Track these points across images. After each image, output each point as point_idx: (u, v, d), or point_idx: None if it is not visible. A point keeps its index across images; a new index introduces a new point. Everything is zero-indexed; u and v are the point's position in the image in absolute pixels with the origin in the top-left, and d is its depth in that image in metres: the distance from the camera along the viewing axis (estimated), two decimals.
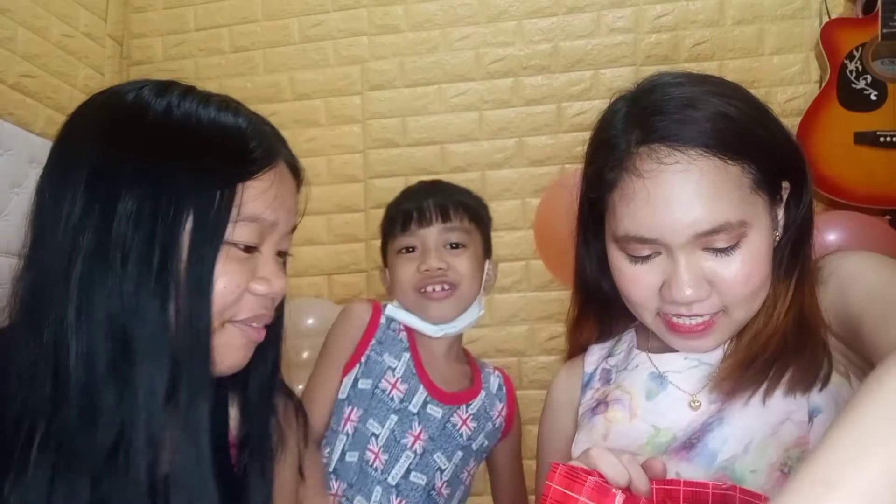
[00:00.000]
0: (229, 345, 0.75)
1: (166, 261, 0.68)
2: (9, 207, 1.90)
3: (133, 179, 0.69)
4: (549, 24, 2.30)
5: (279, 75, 2.41)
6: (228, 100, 0.78)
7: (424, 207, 1.30)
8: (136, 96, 0.73)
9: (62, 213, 0.69)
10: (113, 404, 0.67)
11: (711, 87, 0.80)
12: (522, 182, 2.28)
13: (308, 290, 2.32)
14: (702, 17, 2.23)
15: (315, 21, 2.41)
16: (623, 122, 0.80)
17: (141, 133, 0.71)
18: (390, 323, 1.32)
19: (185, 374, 0.69)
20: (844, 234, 1.86)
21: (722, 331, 0.80)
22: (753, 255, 0.76)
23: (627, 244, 0.79)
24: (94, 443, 0.67)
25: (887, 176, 1.95)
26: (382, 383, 1.27)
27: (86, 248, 0.68)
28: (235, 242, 0.72)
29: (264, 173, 0.74)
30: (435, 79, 2.34)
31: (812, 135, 2.00)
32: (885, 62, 1.99)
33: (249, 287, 0.75)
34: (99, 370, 0.67)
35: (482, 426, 1.33)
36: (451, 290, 1.28)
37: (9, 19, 1.97)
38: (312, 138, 2.35)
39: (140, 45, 2.51)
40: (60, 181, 0.71)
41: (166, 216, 0.68)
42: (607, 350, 0.95)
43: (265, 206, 0.74)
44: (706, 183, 0.74)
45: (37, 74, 2.06)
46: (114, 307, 0.67)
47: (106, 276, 0.67)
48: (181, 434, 0.69)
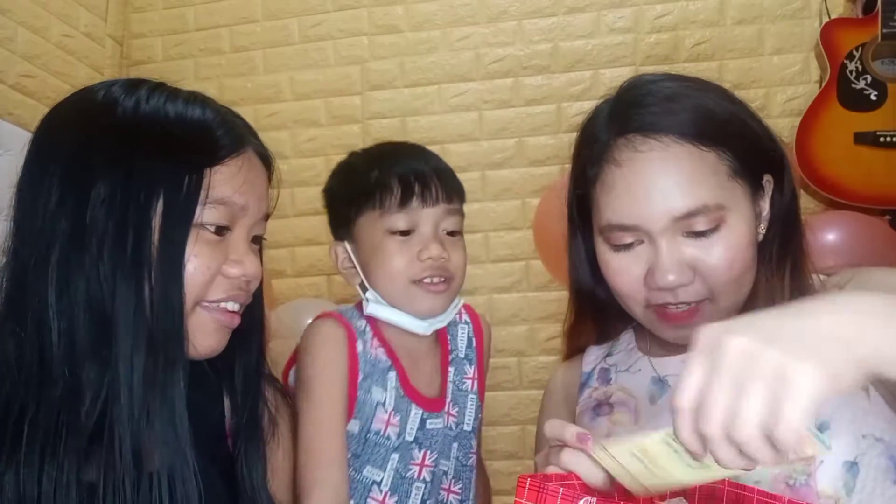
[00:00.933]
0: (202, 328, 0.78)
1: (139, 243, 0.72)
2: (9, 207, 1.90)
3: (105, 168, 0.73)
4: (549, 24, 2.30)
5: (279, 75, 2.41)
6: (196, 94, 0.82)
7: (429, 181, 1.09)
8: (106, 94, 0.78)
9: (39, 203, 0.73)
10: (95, 381, 0.71)
11: (690, 83, 0.84)
12: (522, 182, 2.28)
13: (308, 291, 2.32)
14: (702, 17, 2.23)
15: (315, 21, 2.41)
16: (605, 119, 0.84)
17: (111, 126, 0.75)
18: (365, 341, 1.11)
19: (161, 352, 0.72)
20: (844, 234, 1.86)
21: (709, 319, 0.79)
22: (735, 239, 0.78)
23: (611, 234, 0.81)
24: (78, 419, 0.70)
25: (887, 176, 1.95)
26: (375, 424, 1.09)
27: (62, 235, 0.72)
28: (205, 224, 0.76)
29: (232, 159, 0.78)
30: (435, 79, 2.34)
31: (812, 135, 2.00)
32: (885, 62, 1.99)
33: (222, 270, 0.78)
34: (80, 349, 0.71)
35: (461, 405, 1.17)
36: (447, 284, 1.10)
37: (9, 19, 1.97)
38: (312, 138, 2.35)
39: (140, 45, 2.51)
40: (37, 174, 0.75)
41: (137, 201, 0.72)
42: (605, 350, 0.95)
43: (234, 189, 0.77)
44: (681, 168, 0.77)
45: (37, 74, 2.06)
46: (92, 289, 0.71)
47: (83, 260, 0.71)
48: (159, 409, 0.72)
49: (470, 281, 2.26)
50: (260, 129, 0.89)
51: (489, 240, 2.28)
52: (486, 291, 2.25)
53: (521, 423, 2.19)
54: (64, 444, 0.70)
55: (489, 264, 2.27)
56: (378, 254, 1.08)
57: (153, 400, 0.72)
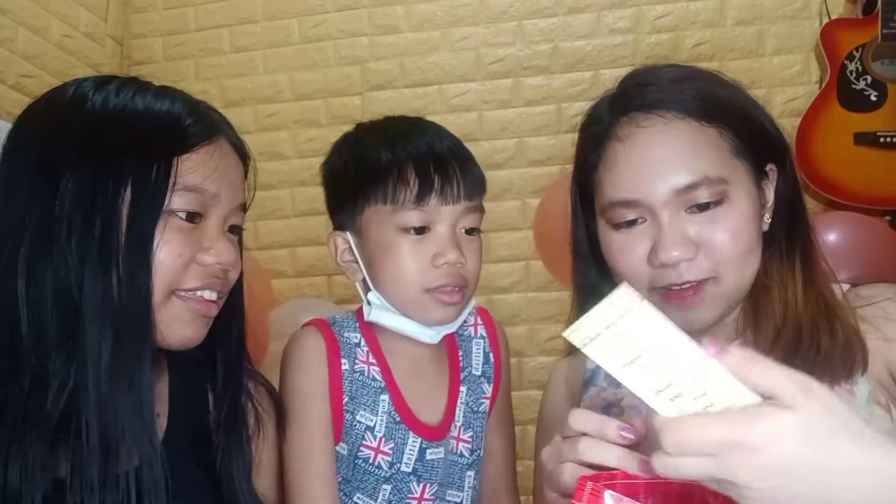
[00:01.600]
0: (177, 318, 0.78)
1: (107, 232, 0.72)
2: None
3: (74, 161, 0.74)
4: (550, 25, 2.30)
5: (279, 75, 2.41)
6: (167, 87, 0.82)
7: (451, 175, 0.95)
8: (77, 89, 0.79)
9: (11, 197, 0.75)
10: (62, 369, 0.71)
11: (693, 69, 0.85)
12: (522, 182, 2.28)
13: (308, 290, 2.32)
14: (702, 18, 2.23)
15: (315, 21, 2.41)
16: (606, 104, 0.85)
17: (80, 120, 0.76)
18: (354, 358, 0.99)
19: (129, 339, 0.73)
20: (844, 234, 1.86)
21: (714, 301, 0.78)
22: (738, 215, 0.77)
23: (613, 212, 0.80)
24: (45, 407, 0.71)
25: (887, 176, 1.95)
26: (363, 451, 0.97)
27: (32, 226, 0.73)
28: (175, 211, 0.76)
29: (202, 147, 0.79)
30: (435, 79, 2.34)
31: (812, 135, 2.00)
32: (886, 63, 1.99)
33: (196, 258, 0.78)
34: (48, 339, 0.71)
35: (476, 429, 1.04)
36: (462, 292, 0.97)
37: (9, 19, 1.97)
38: (312, 138, 2.35)
39: (140, 45, 2.51)
40: (10, 170, 0.76)
41: (105, 190, 0.73)
42: None
43: (204, 177, 0.78)
44: (683, 141, 0.77)
45: (37, 74, 2.06)
46: (60, 279, 0.72)
47: (51, 251, 0.72)
48: (126, 396, 0.72)
49: None
50: (260, 129, 0.89)
51: (489, 240, 2.27)
52: (486, 291, 2.25)
53: (522, 423, 2.16)
54: (31, 434, 0.70)
55: (489, 264, 2.27)
56: (387, 253, 0.95)
57: (120, 387, 0.72)
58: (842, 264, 1.80)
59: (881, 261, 1.80)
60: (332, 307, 2.07)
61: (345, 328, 1.02)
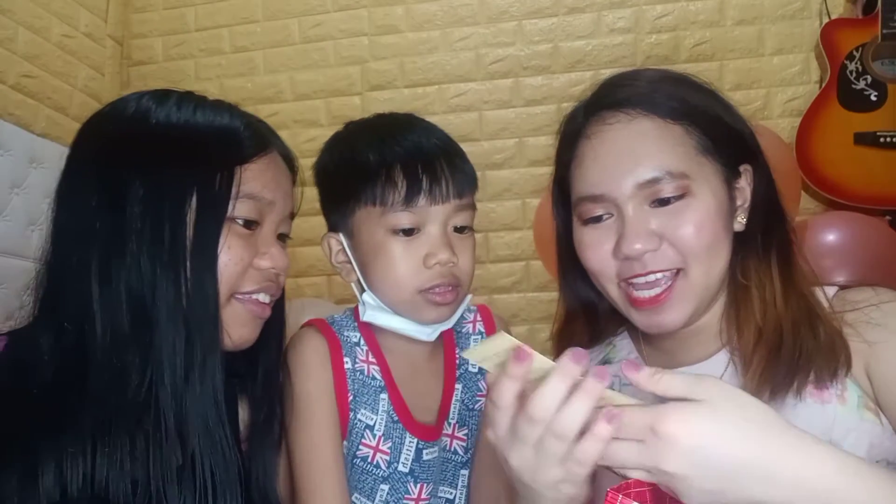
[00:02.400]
0: (236, 319, 0.82)
1: (176, 237, 0.77)
2: (9, 207, 1.90)
3: (142, 171, 0.78)
4: (550, 25, 2.31)
5: (279, 75, 2.41)
6: (221, 102, 0.87)
7: (439, 175, 0.93)
8: (138, 105, 0.83)
9: (78, 206, 0.79)
10: (140, 365, 0.76)
11: (668, 71, 0.87)
12: (522, 182, 2.28)
13: (308, 291, 2.32)
14: (702, 18, 2.23)
15: (315, 21, 2.41)
16: (581, 106, 0.88)
17: (146, 133, 0.80)
18: (354, 357, 0.99)
19: (198, 338, 0.77)
20: (844, 234, 1.86)
21: (682, 300, 0.79)
22: (701, 209, 0.78)
23: (582, 207, 0.83)
24: (126, 400, 0.75)
25: (887, 176, 1.95)
26: (362, 450, 0.97)
27: (103, 233, 0.77)
28: (236, 218, 0.81)
29: (259, 158, 0.84)
30: (435, 79, 2.34)
31: (812, 135, 2.01)
32: (886, 62, 1.99)
33: (253, 263, 0.83)
34: (124, 337, 0.76)
35: (471, 427, 1.04)
36: (455, 291, 0.96)
37: (9, 19, 1.97)
38: (313, 138, 2.35)
39: (140, 45, 2.51)
40: (76, 180, 0.81)
41: (173, 198, 0.77)
42: (600, 354, 0.95)
43: (262, 185, 0.83)
44: (646, 137, 0.80)
45: (37, 74, 2.06)
46: (132, 281, 0.76)
47: (123, 255, 0.76)
48: (200, 390, 0.77)
49: None
50: None
51: (489, 240, 2.28)
52: (486, 291, 2.25)
53: None
54: (114, 424, 0.74)
55: (489, 264, 2.27)
56: (379, 255, 0.95)
57: (194, 381, 0.77)
58: (842, 264, 1.80)
59: (881, 261, 1.80)
60: (332, 307, 2.07)
61: (344, 327, 1.02)
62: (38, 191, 1.99)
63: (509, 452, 0.63)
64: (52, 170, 2.07)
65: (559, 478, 0.61)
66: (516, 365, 0.61)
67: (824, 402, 0.75)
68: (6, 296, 1.84)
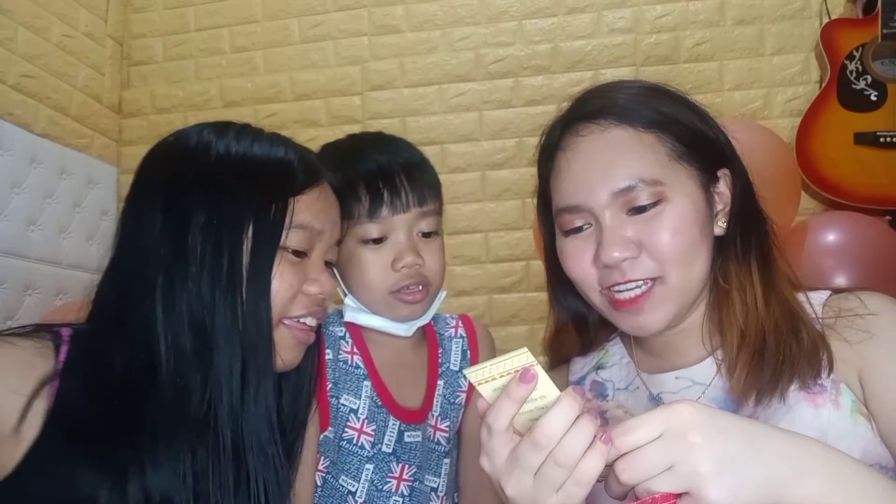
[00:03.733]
0: (283, 343, 0.86)
1: (233, 263, 0.81)
2: (9, 208, 1.90)
3: (203, 199, 0.82)
4: (550, 25, 2.31)
5: (279, 75, 2.41)
6: (277, 135, 0.92)
7: (399, 187, 1.03)
8: (199, 137, 0.88)
9: (143, 231, 0.83)
10: (200, 384, 0.80)
11: (641, 82, 0.88)
12: (522, 182, 2.28)
13: None
14: (702, 18, 2.23)
15: (315, 21, 2.41)
16: (559, 120, 0.90)
17: (206, 164, 0.85)
18: (338, 349, 1.08)
19: (253, 360, 0.82)
20: (844, 234, 1.86)
21: (663, 303, 0.80)
22: (677, 215, 0.79)
23: (562, 219, 0.84)
24: (187, 416, 0.80)
25: (887, 176, 1.95)
26: (347, 432, 1.05)
27: (166, 257, 0.81)
28: (288, 247, 0.85)
29: (311, 189, 0.88)
30: (435, 79, 2.34)
31: (812, 135, 2.01)
32: (886, 62, 1.99)
33: (303, 289, 0.87)
34: (185, 357, 0.80)
35: (453, 419, 1.13)
36: (426, 289, 1.06)
37: (9, 19, 1.97)
38: (313, 138, 2.31)
39: (140, 45, 2.51)
40: (141, 207, 0.85)
41: (231, 225, 0.82)
42: (593, 361, 0.96)
43: (313, 216, 0.87)
44: (619, 146, 0.81)
45: (37, 74, 2.06)
46: (193, 304, 0.80)
47: (185, 279, 0.80)
48: (254, 408, 0.82)
49: (470, 281, 2.27)
50: None
51: (489, 240, 2.28)
52: (486, 291, 2.25)
53: None
54: (176, 438, 0.79)
55: (489, 264, 2.27)
56: (352, 263, 1.05)
57: (249, 401, 0.81)
58: (842, 264, 1.80)
59: (881, 261, 1.80)
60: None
61: (330, 323, 1.11)
62: (37, 191, 2.00)
63: (507, 481, 0.63)
64: (52, 170, 2.08)
65: (557, 503, 0.61)
66: (520, 386, 0.62)
67: (818, 406, 0.76)
68: (6, 296, 1.85)
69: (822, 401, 0.76)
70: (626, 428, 0.59)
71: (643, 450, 0.58)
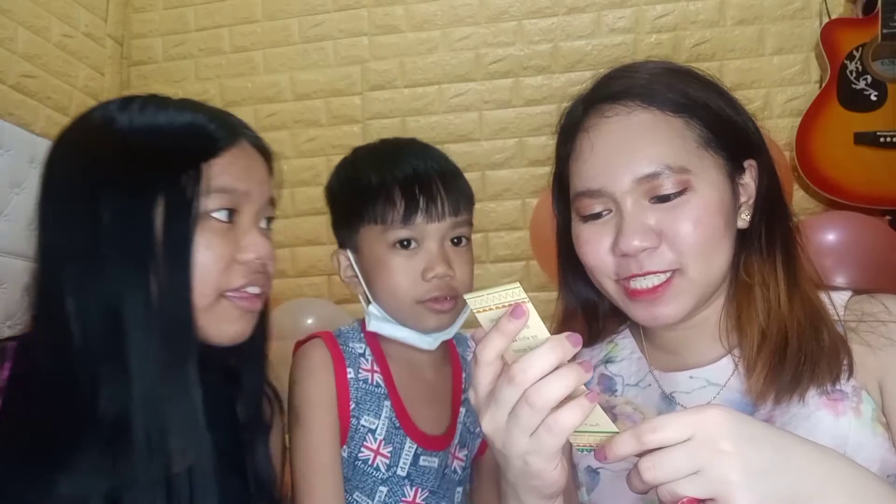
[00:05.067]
0: (226, 317, 0.81)
1: (143, 242, 0.75)
2: (9, 208, 1.89)
3: (108, 180, 0.77)
4: (550, 25, 2.31)
5: (279, 75, 2.41)
6: (185, 100, 0.86)
7: (435, 195, 1.00)
8: (103, 113, 0.82)
9: (52, 219, 0.79)
10: (111, 377, 0.74)
11: (670, 64, 0.85)
12: (522, 182, 2.28)
13: (308, 291, 2.32)
14: (702, 18, 2.23)
15: (315, 21, 2.41)
16: (580, 100, 0.86)
17: (110, 142, 0.80)
18: (358, 367, 1.05)
19: (173, 344, 0.76)
20: (844, 234, 1.86)
21: (680, 295, 0.77)
22: (702, 205, 0.76)
23: (580, 203, 0.81)
24: (96, 413, 0.74)
25: (887, 176, 1.95)
26: (363, 452, 1.03)
27: (77, 245, 0.76)
28: (210, 212, 0.79)
29: (227, 150, 0.82)
30: (435, 79, 2.34)
31: (812, 135, 2.01)
32: (886, 62, 1.99)
33: (236, 257, 0.81)
34: (97, 349, 0.74)
35: (470, 449, 1.12)
36: (453, 301, 1.02)
37: (9, 19, 1.97)
38: (312, 138, 2.35)
39: (140, 45, 2.51)
40: (49, 194, 0.80)
41: (139, 203, 0.76)
42: (601, 353, 0.94)
43: (234, 178, 0.81)
44: (645, 130, 0.77)
45: (37, 74, 2.06)
46: (104, 292, 0.75)
47: (95, 267, 0.75)
48: (175, 399, 0.76)
49: None
50: (260, 129, 0.91)
51: (489, 240, 2.28)
52: None
53: None
54: (85, 441, 0.73)
55: (489, 264, 2.27)
56: (381, 268, 1.02)
57: (168, 390, 0.75)
58: (841, 264, 1.80)
59: (881, 261, 1.80)
60: (332, 307, 2.07)
61: (349, 339, 1.07)
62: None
63: (484, 415, 0.62)
64: None
65: (527, 449, 0.60)
66: (510, 321, 0.60)
67: (839, 413, 0.74)
68: (6, 296, 1.85)
69: (843, 408, 0.74)
70: (655, 426, 0.57)
71: (670, 451, 0.57)
